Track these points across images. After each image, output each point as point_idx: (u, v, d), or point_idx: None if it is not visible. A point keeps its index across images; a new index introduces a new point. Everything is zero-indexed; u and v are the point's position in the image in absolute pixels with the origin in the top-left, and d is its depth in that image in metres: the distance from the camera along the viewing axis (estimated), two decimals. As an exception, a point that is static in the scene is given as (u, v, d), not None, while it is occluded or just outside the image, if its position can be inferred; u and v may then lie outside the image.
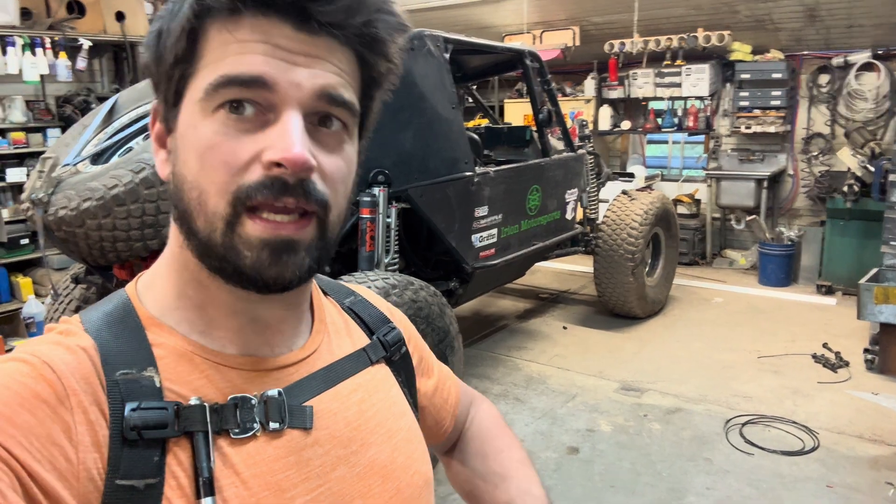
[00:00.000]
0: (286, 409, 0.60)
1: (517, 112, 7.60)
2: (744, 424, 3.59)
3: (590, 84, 7.58)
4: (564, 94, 7.72)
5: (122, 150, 2.99)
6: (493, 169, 4.00)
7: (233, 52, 0.53)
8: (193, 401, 0.55)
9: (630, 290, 5.03)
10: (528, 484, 0.81)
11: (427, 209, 3.50)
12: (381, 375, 0.72)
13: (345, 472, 0.62)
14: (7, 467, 0.46)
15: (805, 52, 6.46)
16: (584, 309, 5.69)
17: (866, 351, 4.28)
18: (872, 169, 5.57)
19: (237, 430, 0.57)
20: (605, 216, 5.16)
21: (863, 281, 2.75)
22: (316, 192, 0.54)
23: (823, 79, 6.44)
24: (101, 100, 4.63)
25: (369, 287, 2.67)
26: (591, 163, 5.29)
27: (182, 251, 0.58)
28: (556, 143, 5.02)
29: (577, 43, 6.93)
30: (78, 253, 2.66)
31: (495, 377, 4.26)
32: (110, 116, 3.16)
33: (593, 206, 5.35)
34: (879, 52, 5.98)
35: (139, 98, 3.12)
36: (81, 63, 5.14)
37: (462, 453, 0.89)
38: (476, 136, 4.33)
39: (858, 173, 5.88)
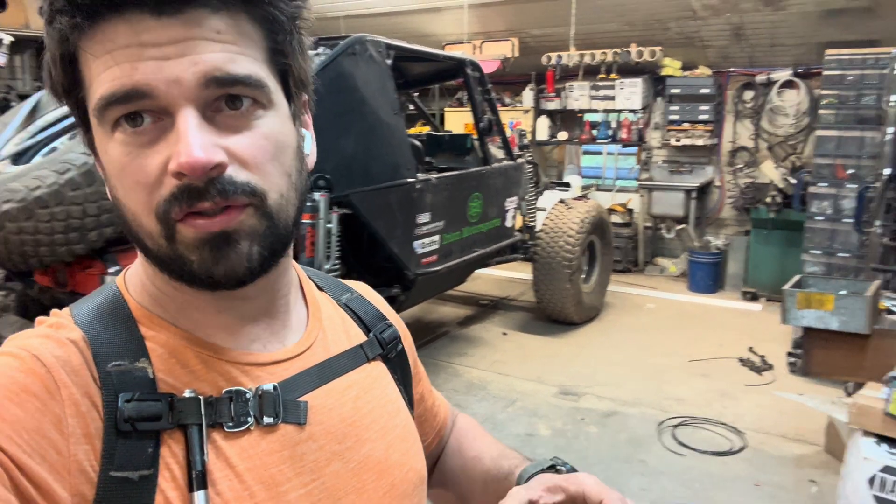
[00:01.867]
0: (281, 404, 0.59)
1: (458, 120, 7.67)
2: (676, 426, 3.71)
3: (528, 95, 7.73)
4: (504, 105, 7.83)
5: (45, 150, 2.86)
6: (435, 176, 4.02)
7: (102, 68, 0.49)
8: (188, 393, 0.54)
9: (567, 296, 5.13)
10: (500, 450, 0.81)
11: (369, 215, 3.47)
12: (377, 372, 0.72)
13: (339, 468, 0.62)
14: None
15: (731, 69, 6.78)
16: (523, 315, 5.77)
17: (789, 354, 4.49)
18: (794, 181, 5.88)
19: (231, 424, 0.56)
20: (543, 224, 5.26)
21: (787, 287, 2.89)
22: (235, 186, 0.51)
23: (748, 95, 6.77)
24: (23, 97, 4.40)
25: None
26: (529, 172, 5.38)
27: (149, 263, 0.57)
28: (497, 151, 5.09)
29: (516, 54, 7.05)
30: (-4, 257, 2.51)
31: (436, 384, 4.22)
32: (32, 115, 3.01)
33: (532, 214, 5.45)
34: (800, 71, 6.33)
35: (65, 96, 2.98)
36: (2, 59, 4.87)
37: (441, 463, 0.88)
38: (418, 143, 4.34)
39: (780, 185, 6.19)
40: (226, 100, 0.51)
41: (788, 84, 6.45)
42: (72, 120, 2.38)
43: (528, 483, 0.64)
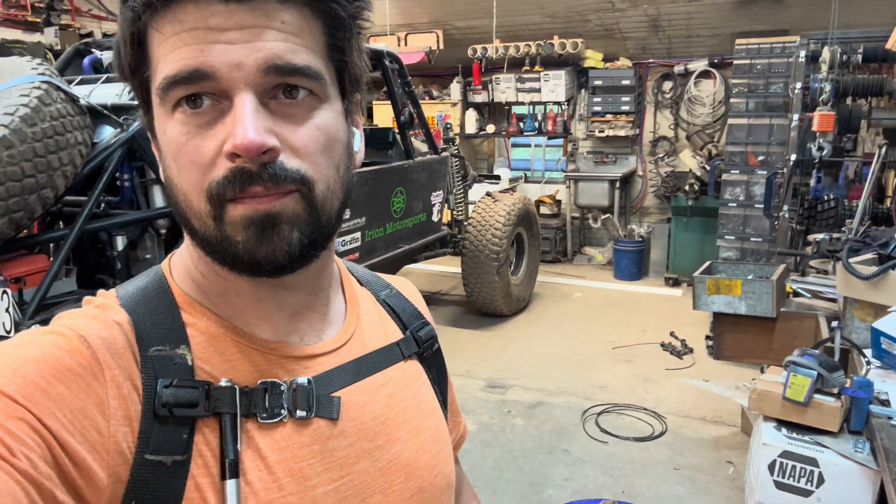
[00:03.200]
0: (314, 398, 0.59)
1: (386, 114, 7.55)
2: (599, 414, 3.76)
3: (455, 88, 7.69)
4: (431, 98, 7.78)
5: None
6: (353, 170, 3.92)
7: (169, 48, 0.51)
8: (224, 382, 0.55)
9: (496, 288, 5.13)
10: None
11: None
12: (412, 371, 0.71)
13: (368, 466, 0.62)
14: (39, 437, 0.46)
15: (650, 61, 6.93)
16: (454, 309, 5.75)
17: (707, 338, 4.63)
18: (709, 169, 6.06)
19: (265, 415, 0.56)
20: (470, 217, 5.24)
21: (696, 273, 2.95)
22: (286, 172, 0.52)
23: (667, 85, 6.93)
24: None
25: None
26: (456, 165, 5.34)
27: (194, 246, 0.58)
28: (420, 145, 5.03)
29: (441, 47, 7.00)
30: None
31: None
32: None
33: (460, 208, 5.42)
34: (715, 61, 6.52)
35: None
36: None
37: None
38: (336, 138, 4.22)
39: (698, 173, 6.37)
40: (283, 89, 0.53)
41: (705, 74, 6.64)
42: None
43: None
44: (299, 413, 0.58)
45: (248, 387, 0.56)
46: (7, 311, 2.39)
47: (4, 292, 2.38)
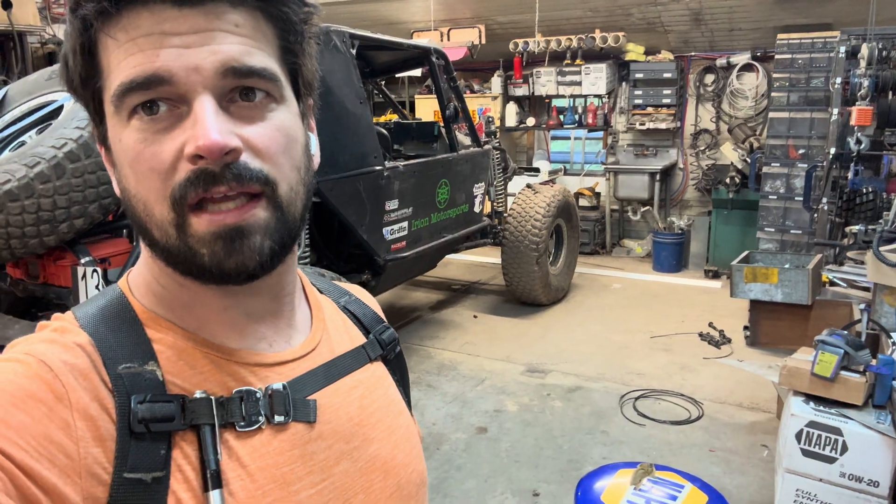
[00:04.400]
0: (290, 403, 0.59)
1: (427, 108, 7.73)
2: (637, 399, 3.89)
3: (496, 81, 7.82)
4: (472, 91, 7.92)
5: (13, 145, 2.89)
6: (402, 163, 4.11)
7: (123, 55, 0.51)
8: (199, 394, 0.55)
9: (535, 278, 5.27)
10: None
11: (337, 203, 3.56)
12: (379, 373, 0.73)
13: (348, 467, 0.63)
14: (1, 470, 0.45)
15: (692, 54, 6.95)
16: (493, 298, 5.91)
17: (745, 328, 4.70)
18: (750, 162, 6.08)
19: (243, 423, 0.56)
20: (510, 209, 5.38)
21: (735, 262, 3.05)
22: (250, 172, 0.52)
23: (709, 78, 6.95)
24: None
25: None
26: (497, 157, 5.49)
27: (154, 260, 0.58)
28: (464, 138, 5.19)
29: (483, 41, 7.14)
30: (-31, 251, 2.56)
31: (409, 366, 4.34)
32: (0, 110, 3.04)
33: (500, 200, 5.57)
34: (758, 54, 6.52)
35: (31, 90, 3.02)
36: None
37: None
38: (385, 131, 4.43)
39: (739, 166, 6.39)
40: (240, 92, 0.53)
41: (747, 67, 6.64)
42: (39, 114, 2.41)
43: None
44: (277, 418, 0.58)
45: (223, 396, 0.56)
46: (97, 287, 2.65)
47: (95, 271, 2.64)
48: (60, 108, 2.81)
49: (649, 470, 1.68)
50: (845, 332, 1.93)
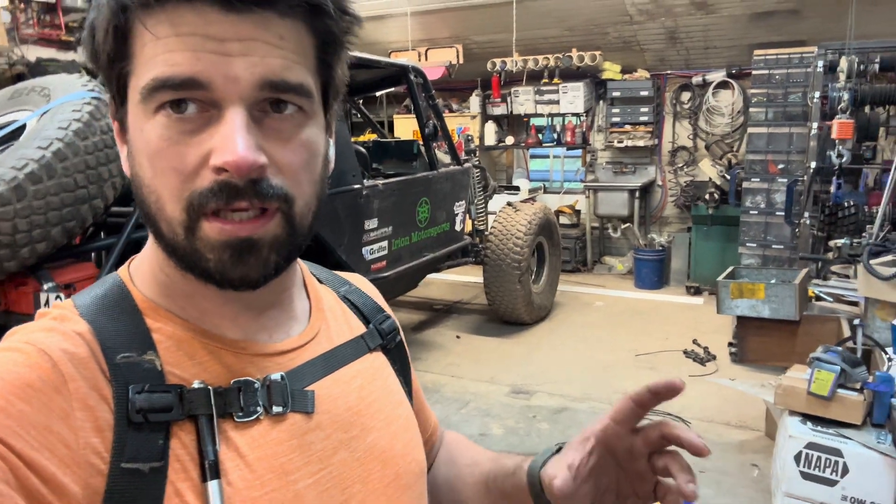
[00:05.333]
0: (289, 393, 0.59)
1: (406, 127, 7.70)
2: (624, 419, 3.80)
3: (475, 101, 7.82)
4: (451, 111, 7.91)
5: (-26, 166, 2.77)
6: (381, 182, 4.04)
7: (161, 49, 0.50)
8: (197, 384, 0.54)
9: (518, 297, 5.20)
10: (497, 453, 0.82)
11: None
12: (378, 363, 0.72)
13: (346, 457, 0.62)
14: (1, 459, 0.45)
15: (668, 72, 7.00)
16: (476, 318, 5.82)
17: (730, 344, 4.66)
18: (729, 178, 6.11)
19: (241, 414, 0.56)
20: (491, 227, 5.32)
21: (720, 278, 3.01)
22: (271, 189, 0.52)
23: (685, 96, 7.00)
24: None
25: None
26: (477, 176, 5.45)
27: (159, 247, 0.57)
28: (444, 156, 5.14)
29: (461, 61, 7.13)
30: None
31: (389, 389, 4.26)
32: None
33: (481, 218, 5.51)
34: (733, 72, 6.58)
35: (-5, 109, 2.90)
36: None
37: (433, 476, 0.86)
38: (363, 150, 4.35)
39: (718, 182, 6.42)
40: (271, 102, 0.52)
41: (723, 85, 6.70)
42: (1, 134, 2.29)
43: (584, 429, 0.66)
44: (275, 409, 0.58)
45: (222, 387, 0.56)
46: (61, 314, 2.51)
47: (58, 297, 2.51)
48: (23, 127, 2.69)
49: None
50: (840, 348, 1.88)
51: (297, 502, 0.57)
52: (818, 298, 3.07)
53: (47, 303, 2.51)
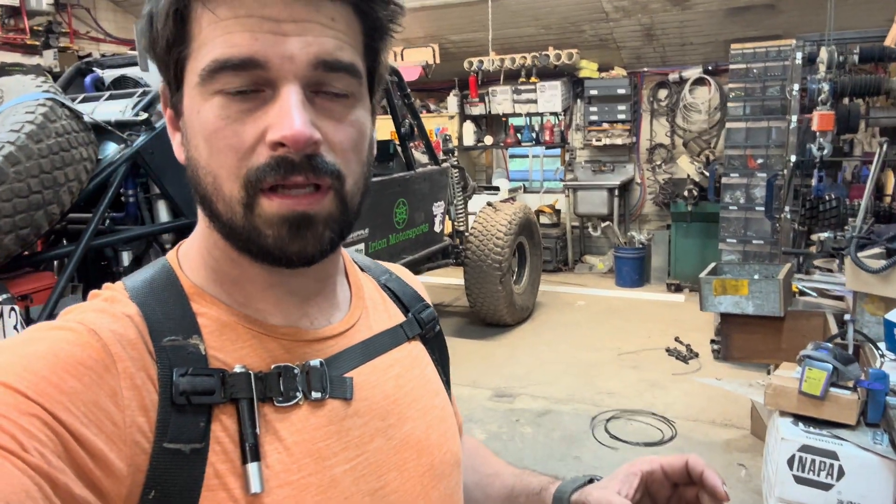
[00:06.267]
0: (328, 380, 0.60)
1: (384, 128, 7.57)
2: (608, 420, 3.74)
3: (452, 101, 7.74)
4: (429, 111, 7.82)
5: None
6: (355, 183, 3.93)
7: (220, 32, 0.52)
8: (238, 369, 0.56)
9: (499, 298, 5.12)
10: (520, 469, 0.85)
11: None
12: (416, 352, 0.72)
13: (382, 444, 0.63)
14: (52, 432, 0.46)
15: (645, 69, 6.98)
16: (457, 320, 5.73)
17: (713, 342, 4.62)
18: (707, 174, 6.08)
19: (281, 399, 0.57)
20: (471, 228, 5.25)
21: (703, 275, 2.95)
22: (325, 165, 0.53)
23: (662, 93, 6.98)
24: None
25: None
26: (456, 176, 5.36)
27: (210, 231, 0.58)
28: (421, 157, 5.05)
29: (438, 61, 7.05)
30: None
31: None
32: None
33: (461, 219, 5.43)
34: (709, 68, 6.58)
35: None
36: None
37: None
38: (337, 151, 4.24)
39: (696, 179, 6.40)
40: (324, 84, 0.54)
41: (699, 81, 6.69)
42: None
43: (631, 463, 0.71)
44: (314, 395, 0.59)
45: (262, 372, 0.57)
46: (15, 328, 2.38)
47: (13, 309, 2.37)
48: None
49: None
50: (830, 345, 1.82)
51: (333, 487, 0.58)
52: (802, 293, 3.02)
53: (1, 315, 2.37)
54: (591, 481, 0.75)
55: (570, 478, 0.77)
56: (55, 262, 2.90)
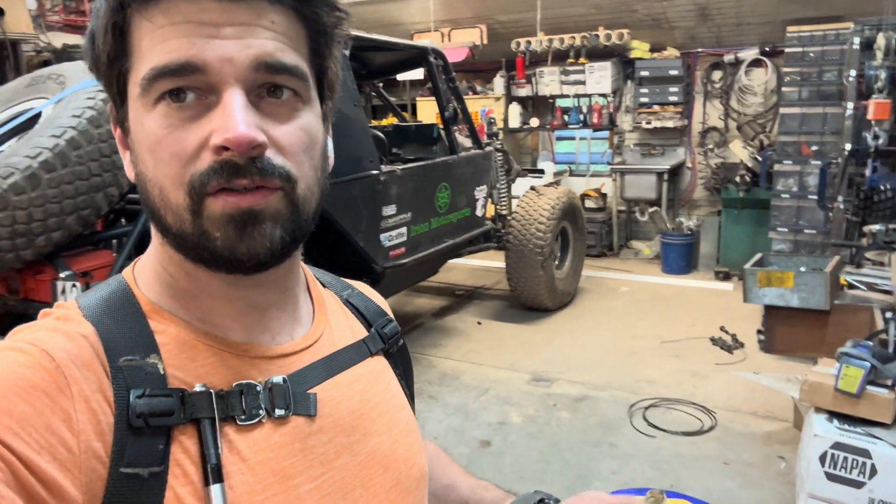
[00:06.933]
0: (291, 396, 0.59)
1: (429, 110, 7.61)
2: (647, 408, 3.73)
3: (499, 82, 7.68)
4: (475, 92, 7.79)
5: (-7, 154, 2.79)
6: (399, 167, 3.99)
7: (158, 39, 0.51)
8: (199, 387, 0.54)
9: (540, 283, 5.13)
10: (476, 481, 0.85)
11: (332, 209, 3.44)
12: (380, 367, 0.72)
13: (347, 461, 0.62)
14: (1, 461, 0.45)
15: (699, 50, 6.79)
16: (498, 304, 5.76)
17: (759, 332, 4.53)
18: (760, 159, 5.91)
19: (243, 417, 0.56)
20: (514, 212, 5.24)
21: (748, 266, 2.91)
22: (273, 168, 0.52)
23: (717, 75, 6.78)
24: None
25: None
26: (500, 159, 5.36)
27: (164, 247, 0.58)
28: (465, 140, 5.06)
29: (485, 41, 7.01)
30: (-57, 267, 2.45)
31: (409, 376, 4.25)
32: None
33: (504, 202, 5.43)
34: (766, 49, 6.35)
35: (10, 98, 2.91)
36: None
37: None
38: (381, 135, 4.30)
39: (749, 164, 6.23)
40: (268, 88, 0.53)
41: (756, 63, 6.47)
42: (17, 122, 2.29)
43: (579, 497, 0.72)
44: (278, 412, 0.58)
45: (223, 390, 0.56)
46: (76, 303, 2.53)
47: (74, 285, 2.53)
48: (38, 115, 2.70)
49: (659, 498, 1.53)
50: (870, 342, 1.78)
51: None
52: (851, 287, 2.94)
53: (64, 291, 2.53)
54: (541, 501, 0.75)
55: (521, 495, 0.77)
56: (114, 241, 3.05)
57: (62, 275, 2.54)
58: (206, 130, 0.51)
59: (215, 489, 0.52)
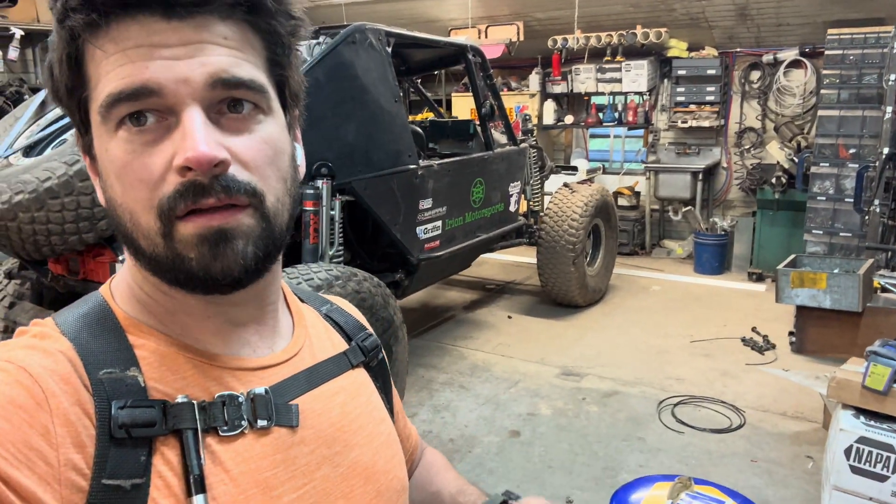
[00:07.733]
0: (273, 407, 0.59)
1: (464, 106, 7.68)
2: (675, 405, 3.78)
3: (534, 79, 7.73)
4: (510, 89, 7.84)
5: (55, 143, 2.95)
6: (436, 162, 4.08)
7: (112, 66, 0.51)
8: (181, 398, 0.55)
9: (571, 279, 5.18)
10: (459, 487, 0.88)
11: (371, 201, 3.54)
12: (361, 379, 0.73)
13: (329, 472, 0.63)
14: None
15: (737, 50, 6.74)
16: (528, 299, 5.83)
17: (790, 334, 4.53)
18: (797, 161, 5.87)
19: (225, 428, 0.56)
20: (546, 208, 5.30)
21: (780, 266, 2.94)
22: (238, 184, 0.53)
23: (755, 75, 6.73)
24: (34, 91, 4.50)
25: (311, 278, 2.71)
26: (534, 156, 5.42)
27: (138, 268, 0.58)
28: (500, 136, 5.13)
29: (522, 38, 7.05)
30: (11, 247, 2.62)
31: (441, 366, 4.35)
32: (43, 108, 3.11)
33: (537, 199, 5.49)
34: (806, 50, 6.28)
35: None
36: (13, 53, 4.99)
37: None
38: (419, 130, 4.40)
39: (786, 166, 6.18)
40: (228, 103, 0.53)
41: (795, 64, 6.41)
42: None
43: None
44: (260, 423, 0.58)
45: (206, 401, 0.56)
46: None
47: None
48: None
49: (688, 484, 1.60)
50: (900, 342, 1.82)
51: None
52: (885, 290, 2.95)
53: (121, 273, 2.67)
54: (504, 502, 0.79)
55: (491, 495, 0.83)
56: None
57: (121, 257, 2.69)
58: (170, 152, 0.51)
59: (198, 500, 0.52)
